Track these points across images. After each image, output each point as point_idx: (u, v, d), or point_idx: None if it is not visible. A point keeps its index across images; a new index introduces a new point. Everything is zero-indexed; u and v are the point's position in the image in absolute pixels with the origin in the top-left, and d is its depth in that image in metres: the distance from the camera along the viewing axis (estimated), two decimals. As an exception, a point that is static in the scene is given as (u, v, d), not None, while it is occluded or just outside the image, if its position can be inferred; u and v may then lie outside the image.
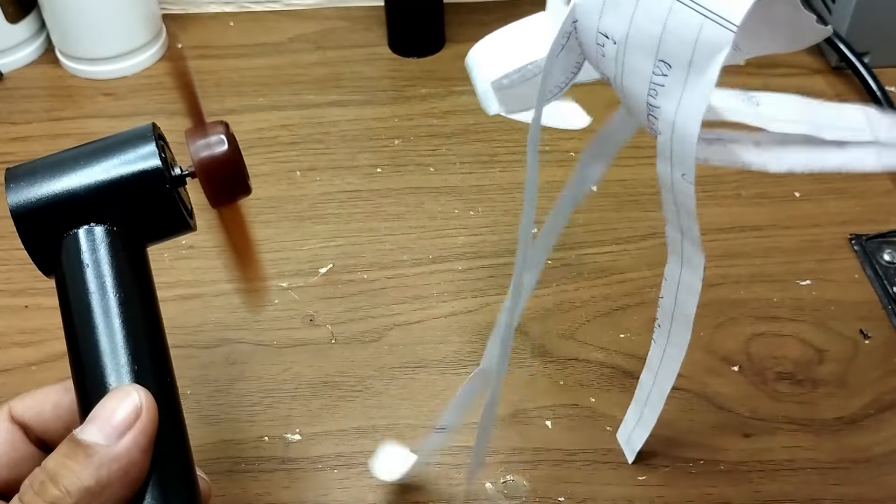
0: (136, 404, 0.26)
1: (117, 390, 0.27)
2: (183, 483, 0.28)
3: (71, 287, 0.30)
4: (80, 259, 0.30)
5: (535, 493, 0.41)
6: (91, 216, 0.30)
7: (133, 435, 0.25)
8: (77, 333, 0.29)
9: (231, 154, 0.31)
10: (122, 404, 0.26)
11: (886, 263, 0.50)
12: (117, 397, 0.26)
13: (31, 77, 0.67)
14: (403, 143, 0.60)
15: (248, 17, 0.72)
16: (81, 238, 0.30)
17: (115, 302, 0.30)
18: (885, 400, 0.44)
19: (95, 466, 0.25)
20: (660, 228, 0.53)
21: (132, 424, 0.26)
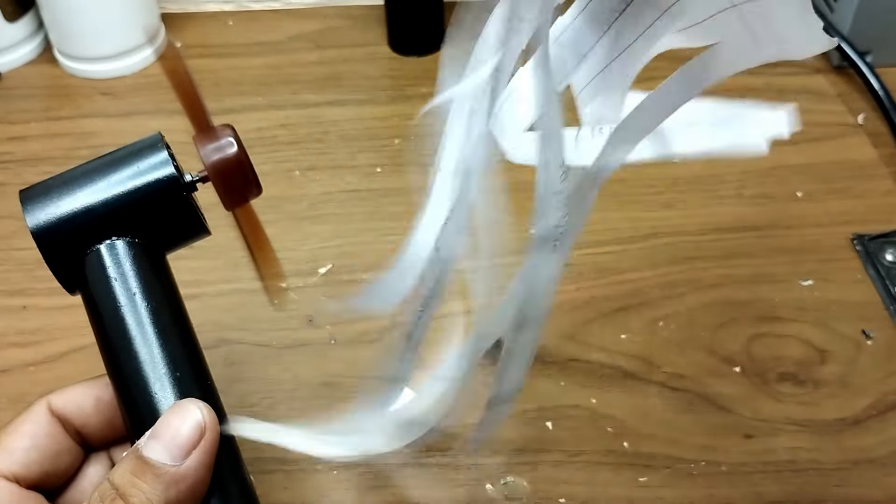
0: (200, 422, 0.26)
1: (179, 407, 0.27)
2: (241, 488, 0.29)
3: (101, 302, 0.30)
4: (107, 274, 0.30)
5: (536, 493, 0.40)
6: (111, 230, 0.30)
7: (198, 454, 0.26)
8: (114, 346, 0.30)
9: (241, 155, 0.31)
10: (185, 422, 0.26)
11: (889, 264, 0.50)
12: (180, 415, 0.26)
13: (28, 76, 0.67)
14: (403, 142, 0.60)
15: (246, 16, 0.72)
16: (104, 253, 0.30)
17: (147, 312, 0.30)
18: (888, 401, 0.44)
19: (164, 486, 0.25)
20: (661, 228, 0.53)
21: (197, 443, 0.26)
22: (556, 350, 0.46)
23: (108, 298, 0.30)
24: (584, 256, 0.51)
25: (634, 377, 0.45)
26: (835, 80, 0.63)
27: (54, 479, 0.30)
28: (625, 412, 0.44)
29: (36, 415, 0.30)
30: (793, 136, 0.61)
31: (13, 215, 0.55)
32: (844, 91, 0.63)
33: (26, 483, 0.29)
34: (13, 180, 0.57)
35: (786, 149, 0.58)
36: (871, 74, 0.60)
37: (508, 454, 0.42)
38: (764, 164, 0.57)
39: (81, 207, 0.30)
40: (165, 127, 0.62)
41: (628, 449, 0.42)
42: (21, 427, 0.30)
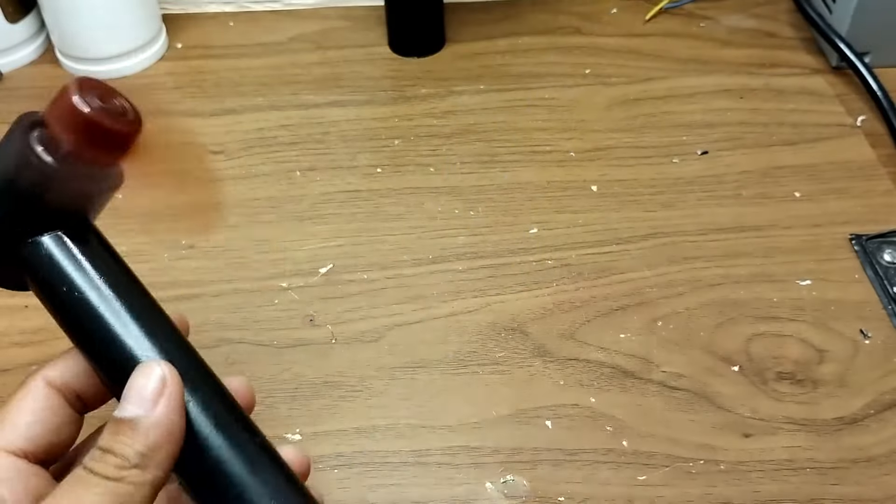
0: (161, 375, 0.29)
1: (141, 367, 0.29)
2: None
3: (55, 290, 0.30)
4: (49, 265, 0.30)
5: (535, 493, 0.41)
6: (31, 225, 0.30)
7: (165, 400, 0.28)
8: (84, 327, 0.30)
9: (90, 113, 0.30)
10: (149, 379, 0.28)
11: (887, 263, 0.50)
12: (143, 374, 0.29)
13: (30, 77, 0.67)
14: (403, 143, 0.60)
15: (247, 17, 0.72)
16: (36, 248, 0.30)
17: (106, 288, 0.30)
18: (886, 400, 0.44)
19: (142, 435, 0.28)
20: (660, 228, 0.53)
21: (162, 392, 0.28)
22: (555, 349, 0.47)
23: (62, 283, 0.30)
24: (584, 256, 0.51)
25: (633, 376, 0.45)
26: (833, 81, 0.64)
27: (57, 451, 0.31)
28: (624, 411, 0.44)
29: (34, 389, 0.31)
30: (791, 136, 0.62)
31: (15, 215, 0.55)
32: (843, 92, 0.63)
33: (34, 458, 0.30)
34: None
35: (784, 149, 0.58)
36: (869, 75, 0.61)
37: (508, 453, 0.42)
38: (763, 164, 0.57)
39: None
40: (166, 127, 0.62)
41: (627, 448, 0.42)
42: (21, 403, 0.31)
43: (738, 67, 0.65)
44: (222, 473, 0.29)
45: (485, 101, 0.63)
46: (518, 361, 0.46)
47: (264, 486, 0.29)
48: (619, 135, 0.60)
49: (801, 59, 0.66)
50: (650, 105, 0.62)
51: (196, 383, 0.30)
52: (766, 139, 0.59)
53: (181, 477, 0.30)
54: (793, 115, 0.61)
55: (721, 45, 0.67)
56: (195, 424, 0.29)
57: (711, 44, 0.68)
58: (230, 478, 0.29)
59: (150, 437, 0.28)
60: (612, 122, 0.61)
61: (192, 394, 0.29)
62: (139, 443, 0.27)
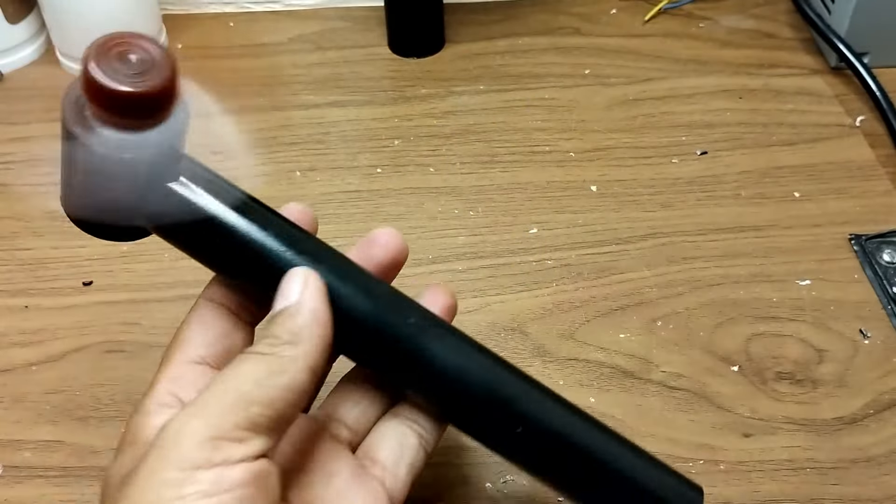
0: (303, 276, 0.31)
1: (285, 276, 0.31)
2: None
3: (189, 230, 0.32)
4: (180, 211, 0.31)
5: (535, 493, 0.41)
6: (146, 194, 0.31)
7: (309, 291, 0.31)
8: (228, 254, 0.32)
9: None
10: (291, 280, 0.31)
11: (886, 263, 0.50)
12: (286, 279, 0.31)
13: (31, 77, 0.67)
14: (403, 143, 0.60)
15: (247, 18, 0.72)
16: (160, 203, 0.31)
17: (236, 215, 0.32)
18: (885, 400, 0.44)
19: (290, 317, 0.30)
20: (660, 228, 0.53)
21: (305, 286, 0.31)
22: (555, 349, 0.47)
23: (198, 222, 0.31)
24: (583, 256, 0.52)
25: (633, 376, 0.45)
26: (832, 82, 0.64)
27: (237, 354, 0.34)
28: (623, 411, 0.44)
29: (198, 307, 0.34)
30: (791, 136, 0.62)
31: (15, 216, 0.55)
32: (842, 92, 0.63)
33: (216, 364, 0.33)
34: (15, 181, 0.58)
35: (784, 149, 0.58)
36: (868, 75, 0.61)
37: (508, 453, 0.42)
38: (762, 164, 0.57)
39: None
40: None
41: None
42: (189, 320, 0.34)
43: (738, 68, 0.65)
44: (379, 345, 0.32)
45: (484, 101, 0.63)
46: (518, 361, 0.46)
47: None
48: (618, 135, 0.60)
49: (800, 60, 0.66)
50: (650, 105, 0.62)
51: (337, 274, 0.32)
52: (765, 139, 0.59)
53: (347, 356, 0.34)
54: (792, 115, 0.61)
55: (720, 46, 0.68)
56: (343, 308, 0.31)
57: (711, 44, 0.68)
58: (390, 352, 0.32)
59: (297, 318, 0.30)
60: (611, 122, 0.61)
61: (336, 282, 0.32)
62: (287, 323, 0.30)
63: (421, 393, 0.34)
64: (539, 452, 0.33)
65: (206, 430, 0.27)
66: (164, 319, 0.48)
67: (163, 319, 0.48)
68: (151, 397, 0.31)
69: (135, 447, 0.29)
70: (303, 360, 0.29)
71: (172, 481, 0.26)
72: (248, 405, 0.28)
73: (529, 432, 0.33)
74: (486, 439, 0.34)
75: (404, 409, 0.35)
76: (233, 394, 0.28)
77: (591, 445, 0.33)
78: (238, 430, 0.27)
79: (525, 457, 0.34)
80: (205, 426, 0.27)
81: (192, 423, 0.27)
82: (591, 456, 0.33)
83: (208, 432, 0.27)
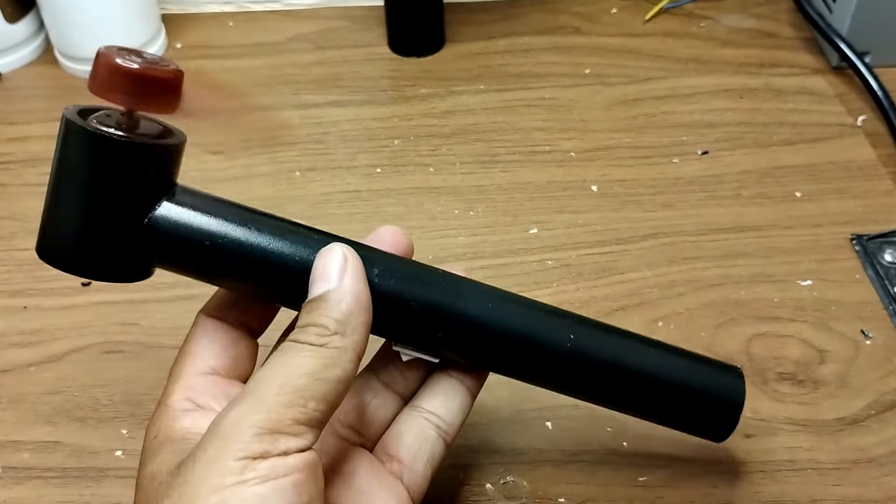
0: (342, 252, 0.31)
1: (322, 252, 0.31)
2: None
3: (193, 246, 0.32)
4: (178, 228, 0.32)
5: (536, 493, 0.41)
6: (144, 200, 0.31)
7: (350, 272, 0.31)
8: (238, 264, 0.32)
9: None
10: (331, 257, 0.31)
11: (888, 264, 0.50)
12: (323, 256, 0.31)
13: (29, 77, 0.67)
14: (403, 143, 0.60)
15: (247, 17, 0.72)
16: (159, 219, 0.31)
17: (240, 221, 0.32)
18: (887, 400, 0.44)
19: (335, 305, 0.30)
20: (661, 228, 0.53)
21: (345, 267, 0.31)
22: (555, 350, 0.46)
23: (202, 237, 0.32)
24: (584, 256, 0.51)
25: (634, 377, 0.45)
26: (833, 81, 0.64)
27: (244, 365, 0.34)
28: (624, 412, 0.44)
29: (199, 322, 0.34)
30: (792, 136, 0.62)
31: (14, 216, 0.55)
32: (843, 91, 0.63)
33: (224, 372, 0.33)
34: (14, 181, 0.57)
35: (785, 149, 0.58)
36: (869, 75, 0.60)
37: (508, 454, 0.42)
38: (763, 164, 0.57)
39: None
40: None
41: (628, 449, 0.42)
42: (192, 336, 0.34)
43: (738, 67, 0.65)
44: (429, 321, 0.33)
45: (484, 101, 0.63)
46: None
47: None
48: (619, 135, 0.60)
49: (801, 59, 0.66)
50: (650, 105, 0.62)
51: (369, 256, 0.33)
52: (766, 139, 0.59)
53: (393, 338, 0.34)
54: (793, 114, 0.61)
55: (721, 45, 0.67)
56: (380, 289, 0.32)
57: (711, 44, 0.68)
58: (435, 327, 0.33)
59: (343, 306, 0.30)
60: (612, 122, 0.61)
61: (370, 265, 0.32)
62: (334, 312, 0.30)
63: (460, 346, 0.34)
64: (583, 376, 0.35)
65: (266, 424, 0.28)
66: (163, 320, 0.48)
67: (162, 320, 0.48)
68: (170, 405, 0.32)
69: (173, 444, 0.30)
70: (352, 351, 0.30)
71: (233, 468, 0.27)
72: (305, 401, 0.28)
73: (568, 358, 0.35)
74: (525, 374, 0.36)
75: (422, 401, 0.35)
76: (290, 388, 0.28)
77: (629, 360, 0.35)
78: (296, 424, 0.28)
79: (571, 381, 0.36)
80: (265, 420, 0.28)
81: (252, 416, 0.28)
82: (630, 370, 0.35)
83: (268, 425, 0.28)
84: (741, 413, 0.37)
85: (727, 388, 0.37)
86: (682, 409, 0.37)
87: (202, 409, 0.32)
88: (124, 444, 0.43)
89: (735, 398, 0.37)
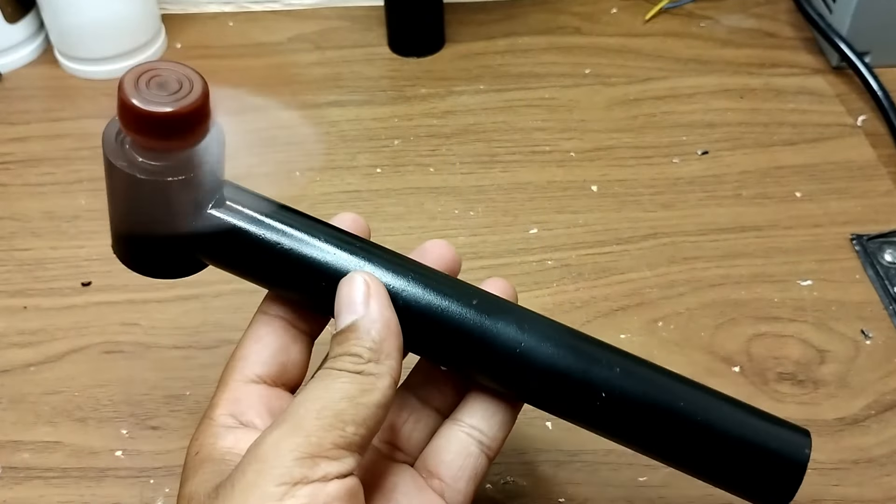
0: (364, 280, 0.31)
1: (344, 281, 0.31)
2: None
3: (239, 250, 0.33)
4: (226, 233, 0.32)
5: (536, 494, 0.41)
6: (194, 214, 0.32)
7: (374, 300, 0.30)
8: (280, 268, 0.32)
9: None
10: (354, 287, 0.31)
11: (888, 264, 0.50)
12: (348, 285, 0.31)
13: (29, 77, 0.67)
14: (403, 143, 0.60)
15: (247, 17, 0.72)
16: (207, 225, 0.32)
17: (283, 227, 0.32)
18: (887, 401, 0.44)
19: (365, 333, 0.30)
20: (661, 228, 0.53)
21: (369, 294, 0.30)
22: (555, 350, 0.46)
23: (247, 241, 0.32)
24: (584, 256, 0.51)
25: (634, 377, 0.45)
26: (833, 81, 0.64)
27: (294, 373, 0.34)
28: (624, 412, 0.44)
29: (256, 322, 0.35)
30: (792, 136, 0.62)
31: (14, 216, 0.55)
32: (843, 91, 0.63)
33: (272, 381, 0.33)
34: (14, 181, 0.57)
35: (785, 149, 0.58)
36: (869, 75, 0.60)
37: (508, 454, 0.42)
38: (763, 164, 0.57)
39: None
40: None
41: (628, 449, 0.42)
42: (247, 335, 0.34)
43: (738, 67, 0.65)
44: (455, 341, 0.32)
45: (484, 101, 0.63)
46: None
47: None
48: (619, 135, 0.60)
49: (801, 59, 0.66)
50: (650, 105, 0.62)
51: (396, 276, 0.32)
52: (766, 139, 0.59)
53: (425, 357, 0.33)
54: (793, 115, 0.61)
55: (721, 45, 0.67)
56: (410, 310, 0.32)
57: (711, 44, 0.68)
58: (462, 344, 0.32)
59: (373, 333, 0.30)
60: (612, 122, 0.61)
61: (397, 286, 0.32)
62: (366, 341, 0.30)
63: (493, 374, 0.33)
64: (627, 419, 0.33)
65: (306, 448, 0.27)
66: (163, 320, 0.48)
67: (162, 320, 0.48)
68: (214, 419, 0.32)
69: (213, 464, 0.30)
70: (388, 376, 0.30)
71: (272, 494, 0.27)
72: (344, 424, 0.28)
73: (613, 399, 0.32)
74: (565, 412, 0.34)
75: (463, 415, 0.34)
76: (329, 412, 0.28)
77: (684, 405, 0.33)
78: (336, 448, 0.28)
79: (612, 425, 0.34)
80: (305, 444, 0.28)
81: (291, 441, 0.28)
82: (684, 417, 0.32)
83: (308, 450, 0.27)
84: (803, 475, 0.32)
85: (790, 444, 0.33)
86: (739, 465, 0.33)
87: (244, 427, 0.32)
88: (124, 444, 0.43)
89: (797, 457, 0.32)
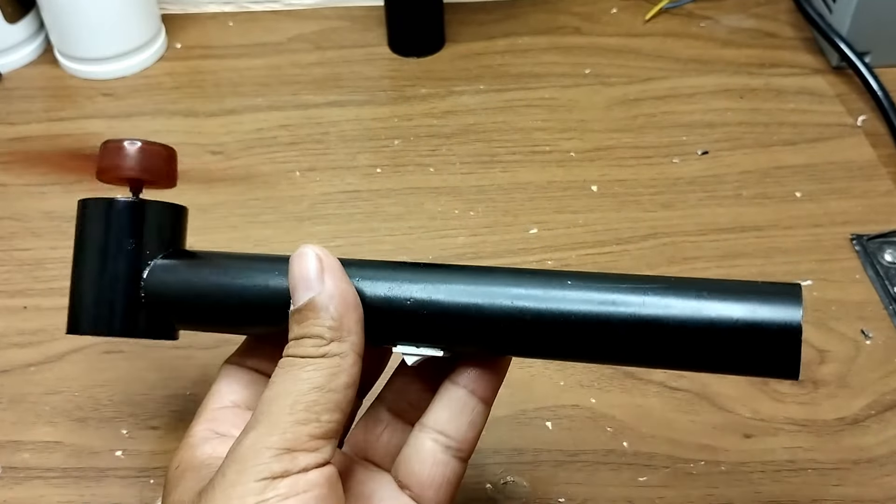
0: (315, 254, 0.30)
1: (293, 258, 0.30)
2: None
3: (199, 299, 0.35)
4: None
5: (536, 494, 0.41)
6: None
7: (329, 273, 0.30)
8: (240, 306, 0.33)
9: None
10: (305, 262, 0.30)
11: (888, 264, 0.50)
12: (296, 262, 0.30)
13: (29, 77, 0.67)
14: (403, 143, 0.60)
15: (247, 17, 0.72)
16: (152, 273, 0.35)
17: (233, 267, 0.34)
18: (887, 400, 0.44)
19: (324, 309, 0.29)
20: (661, 228, 0.53)
21: (323, 268, 0.30)
22: (555, 350, 0.46)
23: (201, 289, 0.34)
24: (584, 257, 0.51)
25: (634, 377, 0.45)
26: (833, 81, 0.64)
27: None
28: (624, 412, 0.44)
29: (222, 369, 0.35)
30: (792, 136, 0.62)
31: (14, 216, 0.55)
32: (843, 91, 0.63)
33: (246, 406, 0.34)
34: (14, 181, 0.57)
35: (785, 149, 0.58)
36: (869, 75, 0.60)
37: (508, 454, 0.42)
38: (763, 164, 0.57)
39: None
40: (166, 128, 0.62)
41: (628, 449, 0.42)
42: (216, 381, 0.35)
43: (739, 67, 0.65)
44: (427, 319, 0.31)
45: (484, 101, 0.63)
46: (518, 362, 0.46)
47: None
48: (619, 135, 0.60)
49: (801, 59, 0.66)
50: (650, 105, 0.62)
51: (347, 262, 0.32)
52: (766, 139, 0.59)
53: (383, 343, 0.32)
54: (793, 115, 0.61)
55: (721, 45, 0.67)
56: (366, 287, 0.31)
57: (711, 44, 0.68)
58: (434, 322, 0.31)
59: (332, 310, 0.29)
60: (612, 122, 0.61)
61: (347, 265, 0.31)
62: (325, 319, 0.29)
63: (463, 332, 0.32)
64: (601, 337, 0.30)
65: (283, 444, 0.28)
66: (164, 320, 0.48)
67: (162, 320, 0.48)
68: (194, 435, 0.33)
69: (194, 472, 0.31)
70: (352, 353, 0.29)
71: (253, 489, 0.27)
72: (318, 415, 0.28)
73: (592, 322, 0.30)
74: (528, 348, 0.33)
75: (429, 419, 0.33)
76: (302, 406, 0.28)
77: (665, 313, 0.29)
78: (312, 440, 0.28)
79: (586, 346, 0.31)
80: (281, 441, 0.28)
81: (268, 439, 0.28)
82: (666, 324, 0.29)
83: (285, 445, 0.28)
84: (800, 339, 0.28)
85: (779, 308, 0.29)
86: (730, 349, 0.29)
87: (222, 437, 0.32)
88: (124, 444, 0.43)
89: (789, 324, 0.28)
